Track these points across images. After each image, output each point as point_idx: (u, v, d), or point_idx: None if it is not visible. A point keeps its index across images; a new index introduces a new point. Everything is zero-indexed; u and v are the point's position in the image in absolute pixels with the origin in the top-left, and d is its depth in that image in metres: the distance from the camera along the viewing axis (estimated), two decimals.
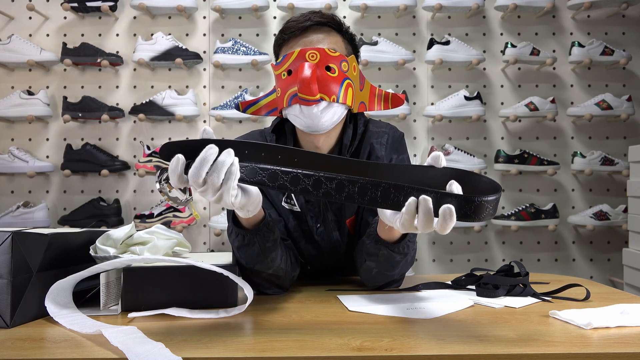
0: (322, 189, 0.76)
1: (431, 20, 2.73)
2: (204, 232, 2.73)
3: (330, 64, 1.09)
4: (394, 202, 0.75)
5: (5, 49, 2.59)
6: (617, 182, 2.70)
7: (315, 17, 1.15)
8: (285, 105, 1.11)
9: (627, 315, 0.82)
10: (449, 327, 0.81)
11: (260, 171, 0.76)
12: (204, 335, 0.76)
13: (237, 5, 2.58)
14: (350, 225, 1.22)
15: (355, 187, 0.75)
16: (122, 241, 0.97)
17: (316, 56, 1.08)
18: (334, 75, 1.09)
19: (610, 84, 2.71)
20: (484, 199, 0.71)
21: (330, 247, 1.23)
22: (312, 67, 1.06)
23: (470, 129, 2.73)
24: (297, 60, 1.09)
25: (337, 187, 0.76)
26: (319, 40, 1.13)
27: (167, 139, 2.72)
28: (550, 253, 2.72)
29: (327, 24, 1.16)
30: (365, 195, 0.75)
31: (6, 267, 0.79)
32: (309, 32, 1.14)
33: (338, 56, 1.10)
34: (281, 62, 1.12)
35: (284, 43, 1.17)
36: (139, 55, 2.59)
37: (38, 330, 0.80)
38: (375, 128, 1.26)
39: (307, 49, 1.09)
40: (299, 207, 1.20)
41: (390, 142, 1.24)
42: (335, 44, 1.15)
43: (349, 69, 1.12)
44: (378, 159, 1.21)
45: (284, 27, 1.17)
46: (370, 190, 0.75)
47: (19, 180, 2.71)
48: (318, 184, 0.76)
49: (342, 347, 0.71)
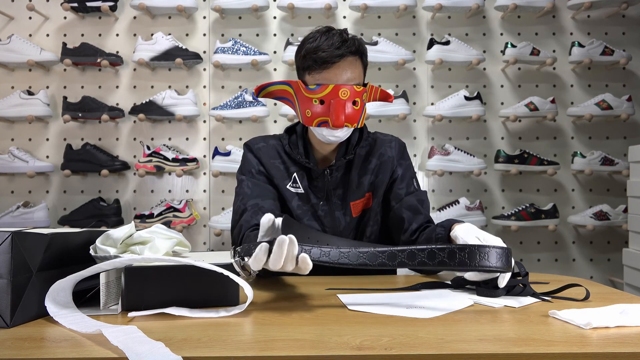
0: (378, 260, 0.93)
1: (431, 20, 2.73)
2: (204, 232, 2.73)
3: (356, 98, 1.29)
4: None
5: (5, 49, 2.60)
6: (617, 182, 2.70)
7: (346, 48, 1.28)
8: (313, 125, 1.31)
9: (626, 315, 0.82)
10: (449, 326, 0.81)
11: (323, 253, 0.92)
12: (204, 335, 0.76)
13: (237, 5, 2.58)
14: (354, 207, 1.43)
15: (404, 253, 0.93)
16: (122, 241, 0.97)
17: (347, 94, 1.27)
18: (357, 108, 1.30)
19: (610, 84, 2.71)
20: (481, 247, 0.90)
21: (332, 223, 1.43)
22: (343, 105, 1.27)
23: (470, 129, 2.73)
24: (330, 95, 1.27)
25: (404, 256, 0.93)
26: (349, 73, 1.30)
27: (167, 139, 2.72)
28: (550, 253, 2.72)
29: (355, 52, 1.31)
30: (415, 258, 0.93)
31: (6, 267, 0.79)
32: (341, 63, 1.29)
33: (361, 91, 1.30)
34: (314, 90, 1.29)
35: (317, 68, 1.30)
36: (139, 55, 2.59)
37: (38, 330, 0.80)
38: (383, 136, 1.50)
39: (340, 86, 1.27)
40: (303, 189, 1.41)
41: (397, 147, 1.49)
42: (359, 75, 1.33)
43: (366, 97, 1.33)
44: (390, 158, 1.45)
45: (316, 49, 1.29)
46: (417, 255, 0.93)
47: (19, 180, 2.71)
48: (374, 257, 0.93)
49: (341, 346, 0.71)
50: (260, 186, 1.40)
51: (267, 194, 1.39)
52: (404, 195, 1.42)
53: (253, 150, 1.45)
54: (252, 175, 1.42)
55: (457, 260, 0.89)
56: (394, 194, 1.43)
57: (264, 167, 1.43)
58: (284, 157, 1.44)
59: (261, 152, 1.44)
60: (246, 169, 1.44)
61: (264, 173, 1.43)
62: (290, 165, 1.43)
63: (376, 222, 1.45)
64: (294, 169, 1.42)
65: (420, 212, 1.39)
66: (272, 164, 1.43)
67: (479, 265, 0.90)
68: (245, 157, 1.46)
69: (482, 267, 0.90)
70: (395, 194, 1.43)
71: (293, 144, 1.44)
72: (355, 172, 1.43)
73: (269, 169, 1.42)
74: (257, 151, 1.45)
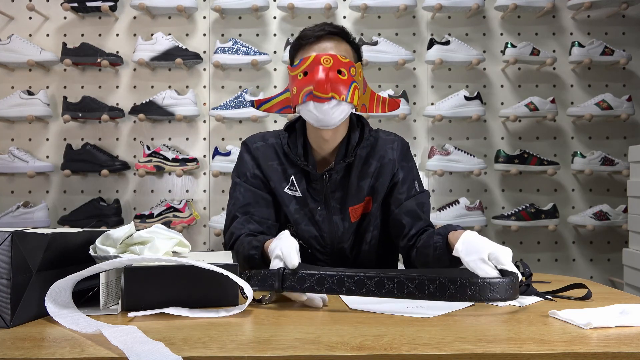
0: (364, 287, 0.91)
1: (431, 20, 2.73)
2: (204, 232, 2.73)
3: (342, 68, 1.25)
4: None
5: (5, 49, 2.59)
6: (617, 182, 2.70)
7: (328, 28, 1.31)
8: (300, 101, 1.27)
9: (626, 315, 0.82)
10: (449, 326, 0.81)
11: (309, 277, 0.93)
12: (204, 335, 0.76)
13: (237, 5, 2.58)
14: (353, 212, 1.38)
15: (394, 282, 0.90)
16: (122, 241, 0.97)
17: (330, 61, 1.25)
18: (344, 78, 1.26)
19: (610, 84, 2.71)
20: (485, 280, 0.87)
21: (330, 228, 1.39)
22: (326, 70, 1.23)
23: (470, 129, 2.73)
24: (313, 63, 1.25)
25: (377, 284, 0.91)
26: (332, 48, 1.30)
27: (167, 139, 2.72)
28: (550, 253, 2.72)
29: (338, 34, 1.32)
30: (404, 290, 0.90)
31: (6, 267, 0.79)
32: (323, 40, 1.30)
33: (348, 62, 1.27)
34: (298, 65, 1.28)
35: (301, 48, 1.32)
36: (139, 55, 2.59)
37: (38, 330, 0.80)
38: (385, 136, 1.45)
39: (322, 54, 1.26)
40: (301, 193, 1.37)
41: (399, 148, 1.43)
42: (346, 52, 1.31)
43: (356, 74, 1.29)
44: (391, 160, 1.40)
45: (301, 35, 1.33)
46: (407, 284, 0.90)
47: (19, 180, 2.71)
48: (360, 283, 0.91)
49: (342, 346, 0.71)
50: (254, 192, 1.37)
51: (259, 201, 1.37)
52: (404, 200, 1.38)
53: (251, 151, 1.41)
54: (246, 178, 1.39)
55: (469, 295, 0.87)
56: (394, 198, 1.39)
57: (261, 170, 1.39)
58: (282, 159, 1.39)
59: (259, 152, 1.40)
60: (241, 171, 1.41)
61: (259, 177, 1.39)
62: (289, 167, 1.38)
63: (376, 227, 1.41)
64: (292, 171, 1.38)
65: (420, 217, 1.36)
66: (269, 166, 1.38)
67: (488, 299, 0.88)
68: (242, 157, 1.42)
69: (490, 300, 0.88)
70: (396, 199, 1.38)
71: (292, 144, 1.39)
72: (354, 175, 1.38)
73: (266, 171, 1.38)
74: (255, 151, 1.40)
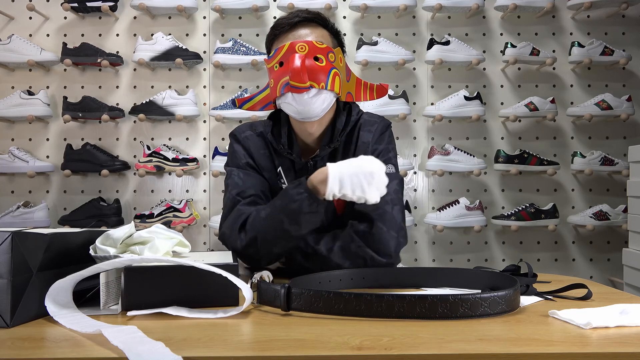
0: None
1: (431, 20, 2.73)
2: (204, 232, 2.73)
3: (318, 54, 1.19)
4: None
5: (5, 49, 2.60)
6: (617, 182, 2.70)
7: (303, 14, 1.25)
8: (278, 94, 1.21)
9: (626, 315, 0.82)
10: (449, 326, 0.81)
11: None
12: (204, 335, 0.76)
13: (237, 5, 2.58)
14: (337, 205, 1.28)
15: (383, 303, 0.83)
16: (122, 241, 0.97)
17: (305, 48, 1.18)
18: (322, 64, 1.19)
19: (610, 84, 2.71)
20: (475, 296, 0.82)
21: None
22: (301, 58, 1.16)
23: (470, 129, 2.73)
24: (287, 52, 1.19)
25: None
26: (307, 34, 1.23)
27: (167, 139, 2.72)
28: (550, 253, 2.72)
29: (314, 20, 1.26)
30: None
31: (6, 267, 0.79)
32: (297, 27, 1.24)
33: (325, 48, 1.20)
34: (273, 56, 1.22)
35: (275, 38, 1.27)
36: (139, 55, 2.59)
37: (38, 330, 0.80)
38: (369, 117, 1.35)
39: (296, 41, 1.19)
40: (288, 183, 1.31)
41: (377, 130, 1.33)
42: (322, 37, 1.25)
43: (335, 60, 1.22)
44: (364, 143, 1.30)
45: (275, 24, 1.27)
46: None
47: (19, 180, 2.71)
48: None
49: (341, 346, 0.71)
50: (252, 176, 1.32)
51: (259, 184, 1.31)
52: None
53: (240, 140, 1.35)
54: (241, 166, 1.33)
55: (460, 312, 0.82)
56: None
57: (253, 159, 1.33)
58: (270, 148, 1.34)
59: (249, 141, 1.34)
60: (234, 161, 1.35)
61: (253, 166, 1.33)
62: (276, 158, 1.33)
63: None
64: (278, 161, 1.33)
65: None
66: (261, 154, 1.33)
67: (479, 314, 0.83)
68: (233, 148, 1.36)
69: (482, 315, 0.84)
70: None
71: (276, 133, 1.33)
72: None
73: (258, 160, 1.33)
74: (245, 141, 1.35)
